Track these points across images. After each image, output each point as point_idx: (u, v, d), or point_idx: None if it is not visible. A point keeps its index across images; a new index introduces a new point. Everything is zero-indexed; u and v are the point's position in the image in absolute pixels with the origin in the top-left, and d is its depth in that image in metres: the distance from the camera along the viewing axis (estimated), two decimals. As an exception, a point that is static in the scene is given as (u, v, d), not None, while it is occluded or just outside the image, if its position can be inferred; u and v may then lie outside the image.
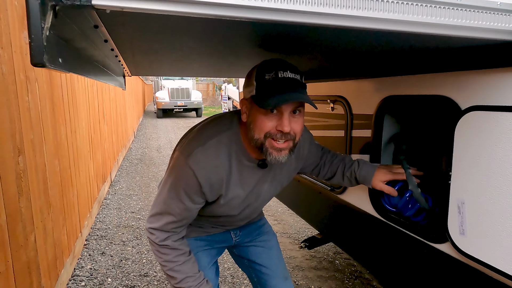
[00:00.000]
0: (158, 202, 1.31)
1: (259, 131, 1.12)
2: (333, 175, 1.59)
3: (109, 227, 4.07)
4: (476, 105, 1.17)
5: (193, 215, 1.33)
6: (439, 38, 0.92)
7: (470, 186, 1.19)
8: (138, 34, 1.08)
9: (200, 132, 1.29)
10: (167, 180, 1.28)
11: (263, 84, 1.10)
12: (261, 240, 1.67)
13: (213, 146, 1.22)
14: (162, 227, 1.29)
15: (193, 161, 1.19)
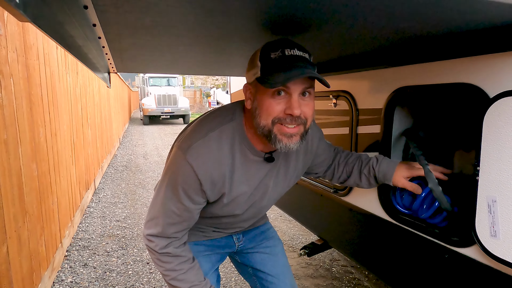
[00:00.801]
0: (155, 205, 1.17)
1: (266, 116, 1.01)
2: (349, 175, 1.44)
3: (92, 237, 3.82)
4: (508, 91, 1.05)
5: (195, 217, 1.19)
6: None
7: (503, 182, 1.06)
8: (130, 20, 0.94)
9: (200, 124, 1.16)
10: (164, 179, 1.15)
11: (268, 64, 0.99)
12: (266, 246, 1.53)
13: (215, 139, 1.09)
14: (162, 233, 1.16)
15: (192, 156, 1.06)
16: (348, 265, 3.30)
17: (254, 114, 1.05)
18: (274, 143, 1.02)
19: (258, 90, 1.03)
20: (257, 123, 1.04)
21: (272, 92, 0.98)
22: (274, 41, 1.03)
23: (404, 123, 1.63)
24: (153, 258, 1.21)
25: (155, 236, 1.16)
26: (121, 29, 1.12)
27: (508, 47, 1.06)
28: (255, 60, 1.03)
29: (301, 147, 1.25)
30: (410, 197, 1.56)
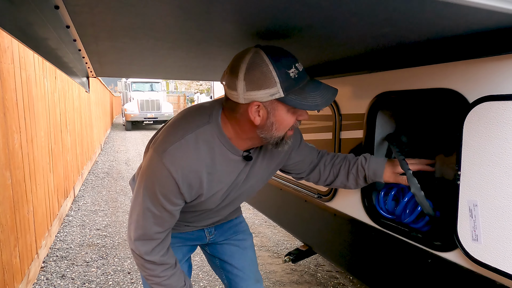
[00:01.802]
0: (134, 209, 1.15)
1: (284, 129, 1.06)
2: (335, 176, 1.44)
3: (71, 247, 3.69)
4: (487, 96, 1.07)
5: (176, 217, 1.18)
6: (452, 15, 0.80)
7: (484, 186, 1.07)
8: (106, 22, 0.90)
9: (176, 126, 1.13)
10: (141, 183, 1.12)
11: (291, 84, 0.98)
12: (236, 239, 1.56)
13: (192, 141, 1.07)
14: (144, 235, 1.14)
15: (168, 159, 1.04)
16: (333, 270, 3.30)
17: (268, 129, 1.04)
18: (281, 146, 1.09)
19: (276, 108, 1.01)
20: (270, 135, 1.06)
21: (289, 108, 1.02)
22: (274, 52, 0.99)
23: (387, 128, 1.63)
24: (137, 262, 1.20)
25: (139, 241, 1.14)
26: (97, 31, 1.08)
27: (486, 53, 1.07)
28: (268, 78, 0.96)
29: None
30: (393, 202, 1.56)
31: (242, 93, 0.99)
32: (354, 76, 1.70)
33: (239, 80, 0.98)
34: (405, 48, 1.29)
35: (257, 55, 0.98)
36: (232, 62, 1.04)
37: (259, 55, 0.97)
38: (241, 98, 1.00)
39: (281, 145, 1.08)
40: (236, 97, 1.01)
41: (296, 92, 0.98)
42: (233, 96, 1.02)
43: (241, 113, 1.04)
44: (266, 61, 0.96)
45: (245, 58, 0.99)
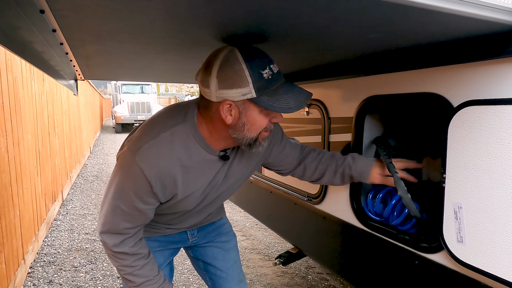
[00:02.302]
0: (104, 204, 1.14)
1: (256, 130, 1.05)
2: (321, 175, 1.44)
3: (59, 251, 3.63)
4: (470, 100, 1.09)
5: (149, 216, 1.17)
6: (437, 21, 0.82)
7: (468, 189, 1.09)
8: (93, 26, 0.90)
9: (151, 125, 1.12)
10: (113, 180, 1.11)
11: (264, 84, 0.97)
12: (219, 241, 1.56)
13: (166, 140, 1.06)
14: (112, 229, 1.13)
15: (141, 158, 1.04)
16: (324, 272, 3.31)
17: (240, 129, 1.03)
18: (255, 147, 1.07)
19: (248, 108, 1.00)
20: (243, 135, 1.05)
21: (261, 109, 1.00)
22: (249, 52, 0.99)
23: (375, 131, 1.65)
24: (108, 253, 1.19)
25: (107, 234, 1.14)
26: (84, 35, 1.07)
27: (469, 59, 1.10)
28: (241, 78, 0.95)
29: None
30: (381, 204, 1.58)
31: (215, 91, 0.98)
32: (343, 80, 1.72)
33: (212, 78, 0.97)
34: (391, 53, 1.31)
35: (232, 54, 0.97)
36: (206, 59, 1.03)
37: (233, 54, 0.97)
38: (214, 96, 0.99)
39: (254, 147, 1.07)
40: (209, 94, 1.00)
41: (269, 93, 0.97)
42: (206, 93, 1.01)
43: (213, 111, 1.03)
44: (240, 60, 0.96)
45: (219, 55, 0.98)
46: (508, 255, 1.00)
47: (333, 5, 0.75)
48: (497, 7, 0.78)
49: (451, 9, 0.69)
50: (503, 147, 1.00)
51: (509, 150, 0.98)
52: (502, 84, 1.02)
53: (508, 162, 0.99)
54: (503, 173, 1.00)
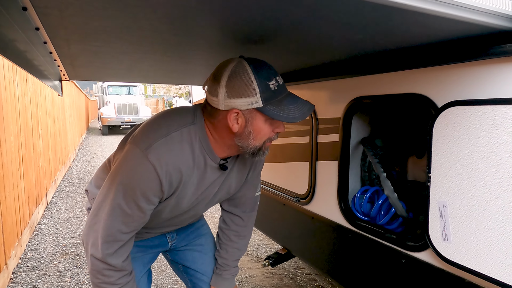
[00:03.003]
0: (101, 207, 1.09)
1: (261, 139, 1.08)
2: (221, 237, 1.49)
3: (43, 256, 3.55)
4: (454, 101, 1.11)
5: (146, 219, 1.14)
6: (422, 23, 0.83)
7: (452, 187, 1.11)
8: (77, 24, 0.88)
9: (158, 123, 1.11)
10: (114, 180, 1.06)
11: (270, 95, 1.01)
12: (197, 244, 1.55)
13: (177, 139, 1.06)
14: (109, 236, 1.08)
15: (154, 155, 1.02)
16: (312, 273, 3.32)
17: (245, 137, 1.06)
18: (258, 156, 1.10)
19: (254, 117, 1.04)
20: (247, 144, 1.07)
21: (266, 118, 1.04)
22: (256, 65, 1.02)
23: (362, 132, 1.67)
24: (94, 269, 1.12)
25: (105, 243, 1.08)
26: (68, 34, 1.05)
27: (453, 60, 1.12)
28: (249, 88, 1.00)
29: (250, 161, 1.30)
30: (368, 204, 1.60)
31: (223, 99, 1.02)
32: (330, 81, 1.73)
33: (221, 87, 1.01)
34: (378, 55, 1.33)
35: (240, 65, 1.01)
36: (215, 70, 1.07)
37: (241, 65, 1.01)
38: (221, 105, 1.03)
39: (257, 155, 1.10)
40: (217, 103, 1.03)
41: (275, 103, 1.01)
42: (214, 102, 1.04)
43: (219, 119, 1.06)
44: (248, 70, 1.00)
45: (228, 66, 1.03)
46: (491, 252, 1.02)
47: (319, 6, 0.76)
48: (477, 9, 0.80)
49: (433, 10, 0.71)
50: (486, 146, 1.02)
51: (491, 150, 1.01)
52: (484, 85, 1.04)
53: (490, 161, 1.01)
54: (485, 172, 1.02)
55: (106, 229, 1.09)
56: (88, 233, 1.11)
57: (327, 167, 1.76)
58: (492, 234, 1.02)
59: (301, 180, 1.96)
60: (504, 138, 0.98)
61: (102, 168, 1.36)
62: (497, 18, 0.86)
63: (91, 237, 1.10)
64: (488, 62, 1.03)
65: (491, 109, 1.00)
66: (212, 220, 4.50)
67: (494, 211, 1.01)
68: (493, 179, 1.01)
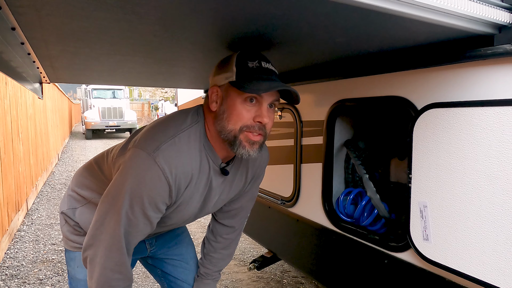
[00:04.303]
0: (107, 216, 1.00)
1: (235, 122, 1.00)
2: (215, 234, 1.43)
3: (23, 264, 3.44)
4: (433, 103, 1.14)
5: (154, 227, 1.06)
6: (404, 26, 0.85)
7: (432, 188, 1.13)
8: (55, 24, 0.86)
9: (164, 125, 1.05)
10: (120, 188, 0.97)
11: (245, 71, 1.00)
12: (177, 253, 1.48)
13: (185, 140, 1.01)
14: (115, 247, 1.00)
15: (162, 158, 0.95)
16: (299, 276, 3.32)
17: (220, 117, 1.02)
18: (237, 149, 1.01)
19: (228, 94, 1.01)
20: (222, 126, 1.01)
21: (244, 98, 0.98)
22: (248, 51, 1.05)
23: (345, 134, 1.69)
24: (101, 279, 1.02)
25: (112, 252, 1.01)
26: (46, 34, 1.03)
27: (432, 64, 1.15)
28: (230, 64, 1.02)
29: (253, 168, 1.25)
30: (352, 206, 1.61)
31: (211, 78, 1.07)
32: (314, 84, 1.75)
33: (213, 69, 1.09)
34: (359, 58, 1.35)
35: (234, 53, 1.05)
36: None
37: (235, 53, 1.05)
38: (210, 84, 1.07)
39: (238, 147, 1.00)
40: (210, 84, 1.08)
41: (248, 79, 0.98)
42: (209, 85, 1.09)
43: (207, 103, 1.07)
44: (235, 53, 1.04)
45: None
46: (469, 251, 1.04)
47: (300, 9, 0.76)
48: (453, 13, 0.82)
49: (409, 13, 0.72)
50: (463, 147, 1.04)
51: (468, 151, 1.03)
52: (461, 87, 1.07)
53: (467, 162, 1.03)
54: (463, 173, 1.04)
55: (113, 239, 1.00)
56: (93, 244, 1.02)
57: (312, 170, 1.77)
58: (470, 233, 1.04)
59: (286, 182, 1.96)
60: (481, 139, 1.00)
61: (87, 167, 1.30)
62: (472, 22, 0.88)
63: (97, 248, 1.02)
64: (465, 65, 1.06)
65: (468, 111, 1.03)
66: (198, 225, 4.46)
67: (471, 211, 1.03)
68: (470, 179, 1.03)
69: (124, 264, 1.04)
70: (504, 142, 0.95)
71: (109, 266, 1.02)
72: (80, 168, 1.36)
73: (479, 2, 0.86)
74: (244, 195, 1.33)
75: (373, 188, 1.34)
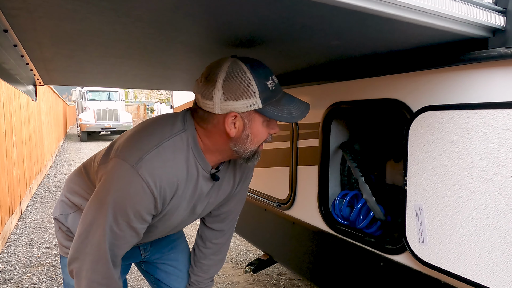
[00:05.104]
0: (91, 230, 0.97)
1: (258, 143, 1.03)
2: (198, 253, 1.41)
3: (16, 268, 3.40)
4: (428, 106, 1.14)
5: (141, 237, 1.05)
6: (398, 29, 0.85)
7: (428, 190, 1.14)
8: (48, 27, 0.86)
9: (147, 133, 1.01)
10: (103, 201, 0.95)
11: (269, 95, 0.97)
12: (172, 258, 1.45)
13: (170, 149, 0.97)
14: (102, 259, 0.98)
15: (146, 169, 0.92)
16: (295, 279, 3.31)
17: (243, 141, 0.99)
18: (252, 160, 1.05)
19: (253, 120, 0.98)
20: (244, 148, 1.01)
21: (263, 120, 0.99)
22: (255, 63, 0.97)
23: (341, 137, 1.69)
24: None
25: (98, 265, 0.99)
26: (39, 37, 1.02)
27: (427, 66, 1.15)
28: (248, 89, 0.93)
29: (240, 170, 1.23)
30: (348, 208, 1.61)
31: (219, 103, 0.94)
32: (310, 86, 1.75)
33: (217, 89, 0.93)
34: (355, 61, 1.35)
35: (236, 64, 0.95)
36: (207, 71, 0.99)
37: (237, 64, 0.95)
38: (217, 108, 0.95)
39: (251, 160, 1.05)
40: (212, 107, 0.95)
41: (273, 104, 0.97)
42: (208, 106, 0.96)
43: (214, 124, 0.98)
44: (245, 70, 0.94)
45: (223, 66, 0.95)
46: (464, 254, 1.04)
47: (295, 12, 0.76)
48: (447, 17, 0.83)
49: (404, 16, 0.72)
50: (458, 150, 1.05)
51: (463, 153, 1.03)
52: (456, 90, 1.07)
53: (462, 164, 1.04)
54: (458, 175, 1.05)
55: (99, 253, 0.98)
56: (78, 257, 1.00)
57: (308, 172, 1.77)
58: (465, 235, 1.04)
59: (282, 185, 1.96)
60: (475, 141, 1.00)
61: (77, 173, 1.27)
62: (466, 25, 0.88)
63: (82, 261, 0.99)
64: (459, 68, 1.06)
65: (463, 113, 1.03)
66: (193, 227, 4.44)
67: (466, 213, 1.03)
68: (465, 182, 1.03)
69: (111, 277, 1.01)
70: (499, 144, 0.96)
71: (96, 280, 1.00)
72: (71, 173, 1.33)
73: (473, 5, 0.86)
74: (233, 198, 1.31)
75: (368, 191, 1.35)
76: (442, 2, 0.79)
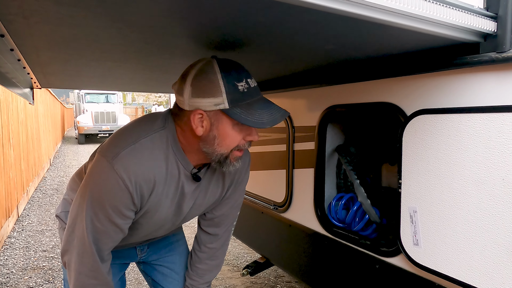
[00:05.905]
0: (76, 223, 1.01)
1: (228, 146, 0.99)
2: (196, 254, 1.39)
3: (13, 271, 3.39)
4: (422, 109, 1.15)
5: (126, 232, 1.06)
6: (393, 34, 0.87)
7: (422, 193, 1.15)
8: (45, 32, 0.87)
9: (127, 131, 1.04)
10: (84, 194, 0.99)
11: (237, 96, 0.94)
12: (169, 261, 1.45)
13: (147, 146, 0.99)
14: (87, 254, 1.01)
15: (121, 165, 0.94)
16: (293, 281, 3.31)
17: (210, 142, 0.99)
18: (225, 166, 1.01)
19: (219, 121, 0.96)
20: (212, 150, 0.99)
21: (235, 123, 0.96)
22: (226, 65, 0.96)
23: (337, 140, 1.70)
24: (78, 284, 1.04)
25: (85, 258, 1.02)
26: (36, 41, 1.03)
27: (420, 70, 1.16)
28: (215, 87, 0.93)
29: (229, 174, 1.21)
30: (344, 211, 1.62)
31: (188, 98, 0.96)
32: (306, 89, 1.76)
33: (186, 85, 0.96)
34: (350, 64, 1.37)
35: (209, 64, 0.96)
36: (185, 69, 1.01)
37: (210, 64, 0.96)
38: (186, 104, 0.97)
39: (225, 165, 1.01)
40: (183, 103, 0.98)
41: (243, 106, 0.94)
42: (180, 101, 0.99)
43: (185, 121, 1.00)
44: (216, 70, 0.94)
45: (197, 65, 0.97)
46: (458, 256, 1.05)
47: (285, 17, 0.77)
48: (439, 22, 0.84)
49: (395, 22, 0.73)
50: (451, 153, 1.06)
51: (456, 156, 1.04)
52: (449, 94, 1.09)
53: (455, 167, 1.05)
54: (451, 178, 1.06)
55: (84, 246, 1.01)
56: (68, 250, 1.04)
57: (304, 175, 1.78)
58: (459, 238, 1.05)
59: (279, 188, 1.96)
60: (467, 145, 1.02)
61: (78, 173, 1.30)
62: (457, 31, 0.90)
63: (71, 254, 1.03)
64: (452, 73, 1.08)
65: (455, 117, 1.04)
66: (191, 230, 4.44)
67: (459, 216, 1.04)
68: (458, 185, 1.04)
69: (99, 270, 1.04)
70: (490, 148, 0.97)
71: (83, 272, 1.03)
72: (75, 172, 1.36)
73: (464, 11, 0.88)
74: (226, 201, 1.29)
75: (364, 194, 1.36)
76: (434, 8, 0.81)
